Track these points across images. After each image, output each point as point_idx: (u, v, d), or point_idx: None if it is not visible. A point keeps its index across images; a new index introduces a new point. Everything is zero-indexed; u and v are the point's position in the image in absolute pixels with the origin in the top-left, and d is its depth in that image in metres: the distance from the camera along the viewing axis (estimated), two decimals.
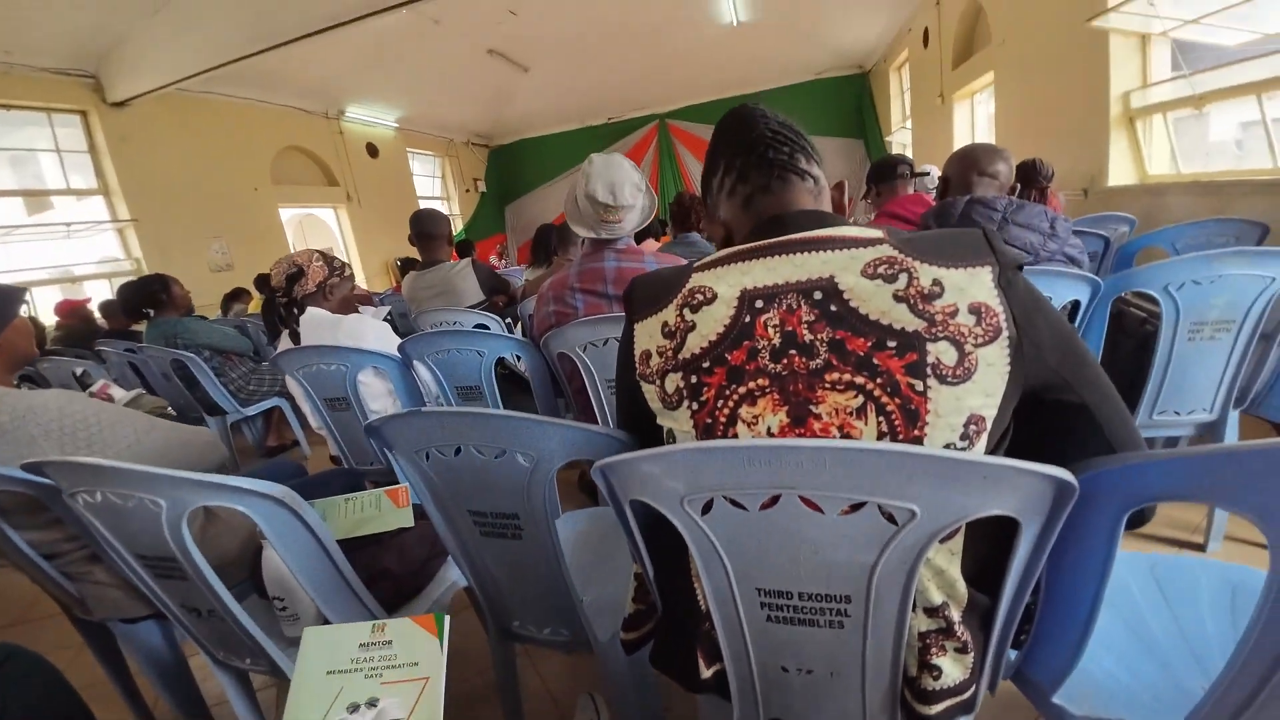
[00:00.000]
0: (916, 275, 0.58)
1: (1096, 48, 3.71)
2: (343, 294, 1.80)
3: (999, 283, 0.57)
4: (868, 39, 8.93)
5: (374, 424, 0.87)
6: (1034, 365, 0.58)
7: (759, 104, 0.77)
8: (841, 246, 0.62)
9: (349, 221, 8.39)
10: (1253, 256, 1.26)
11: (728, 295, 0.64)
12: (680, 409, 0.65)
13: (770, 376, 0.60)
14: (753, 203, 0.72)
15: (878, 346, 0.57)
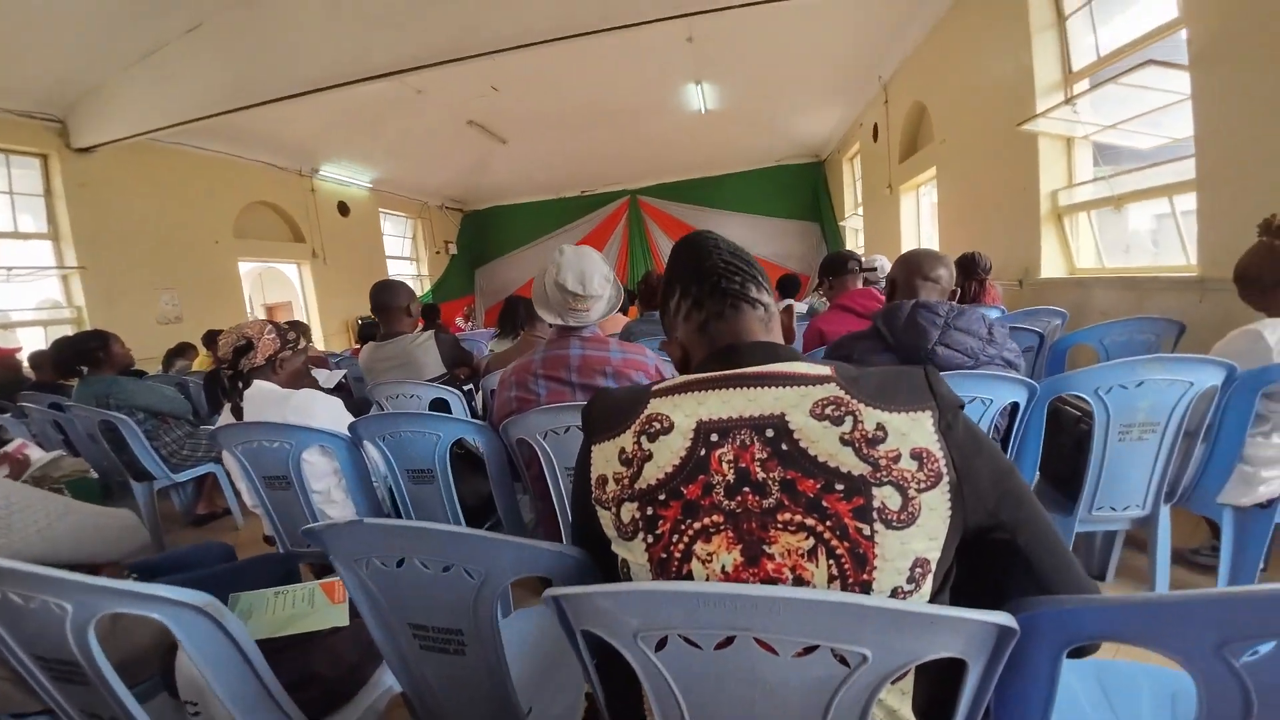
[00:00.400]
0: (861, 419, 0.60)
1: (1027, 149, 4.09)
2: (294, 367, 1.74)
3: (939, 427, 0.60)
4: (823, 131, 9.68)
5: (313, 530, 0.82)
6: (974, 509, 0.61)
7: (710, 234, 0.82)
8: (792, 383, 0.64)
9: (312, 278, 8.28)
10: (1171, 363, 1.36)
11: (684, 425, 0.65)
12: (635, 540, 0.65)
13: (725, 513, 0.61)
14: (708, 328, 0.76)
15: (826, 489, 0.59)
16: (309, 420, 1.61)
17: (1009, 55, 4.19)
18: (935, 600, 0.61)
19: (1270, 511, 1.50)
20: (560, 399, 1.45)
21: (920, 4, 5.19)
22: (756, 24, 5.61)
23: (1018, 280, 4.32)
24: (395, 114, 7.20)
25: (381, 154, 8.55)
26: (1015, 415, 1.41)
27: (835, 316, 2.23)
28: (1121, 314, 3.23)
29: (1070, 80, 3.84)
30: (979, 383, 1.32)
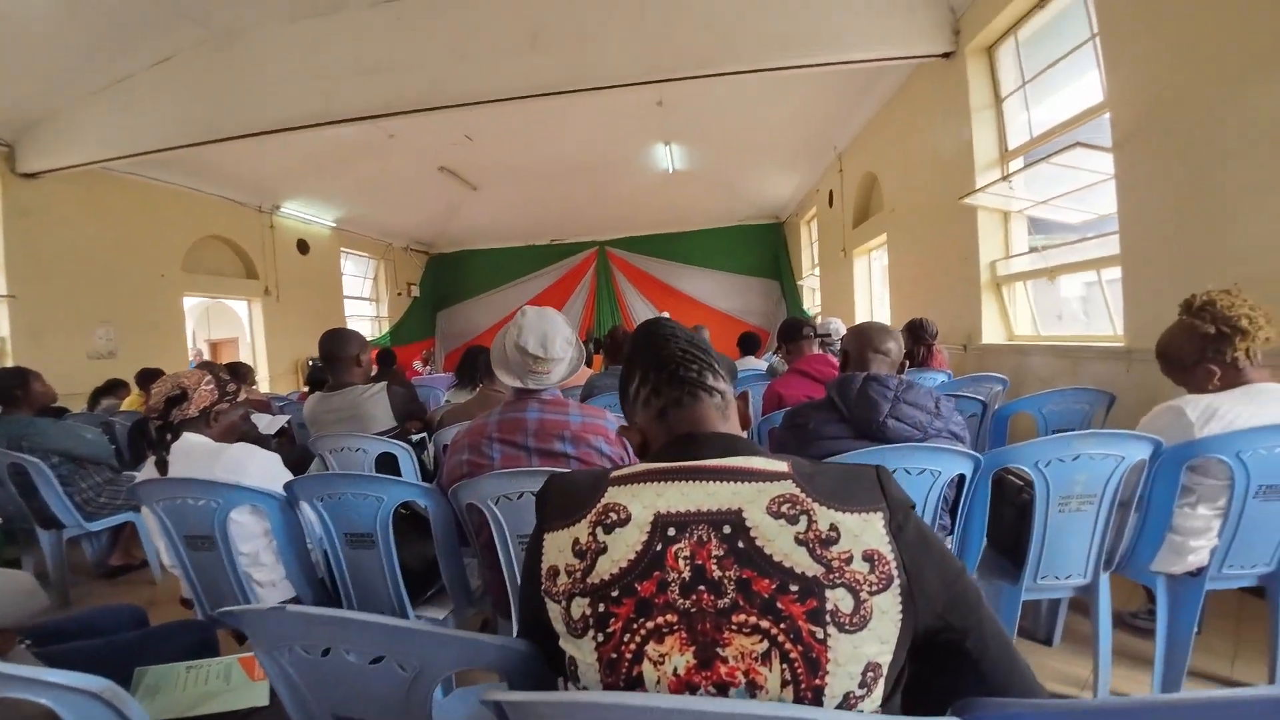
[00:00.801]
0: (816, 519, 0.61)
1: (967, 221, 4.38)
2: (230, 420, 1.65)
3: (890, 529, 0.61)
4: (783, 195, 10.19)
5: (228, 614, 0.75)
6: (924, 611, 0.61)
7: (669, 322, 0.85)
8: (750, 479, 0.65)
9: (262, 315, 8.00)
10: (1103, 438, 1.43)
11: (641, 518, 0.64)
12: (585, 638, 0.63)
13: (679, 613, 0.60)
14: (666, 416, 0.77)
15: (781, 590, 0.59)
16: (241, 478, 1.51)
17: (951, 132, 4.54)
18: (887, 704, 0.60)
19: (1200, 579, 1.56)
20: (515, 464, 1.40)
21: (873, 82, 5.60)
22: (723, 93, 5.95)
23: (962, 345, 4.53)
24: (365, 156, 7.21)
25: (347, 194, 8.50)
26: (962, 486, 1.44)
27: (793, 380, 2.30)
28: (1057, 380, 3.42)
29: (1006, 158, 4.17)
30: (928, 455, 1.36)
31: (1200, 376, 1.57)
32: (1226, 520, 1.50)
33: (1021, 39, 3.96)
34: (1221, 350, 1.53)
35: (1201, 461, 1.49)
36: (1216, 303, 1.54)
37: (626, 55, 4.52)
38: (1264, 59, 2.18)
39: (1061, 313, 4.84)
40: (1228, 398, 1.50)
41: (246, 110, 5.01)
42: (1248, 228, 2.28)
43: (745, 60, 4.43)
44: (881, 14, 4.29)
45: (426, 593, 1.73)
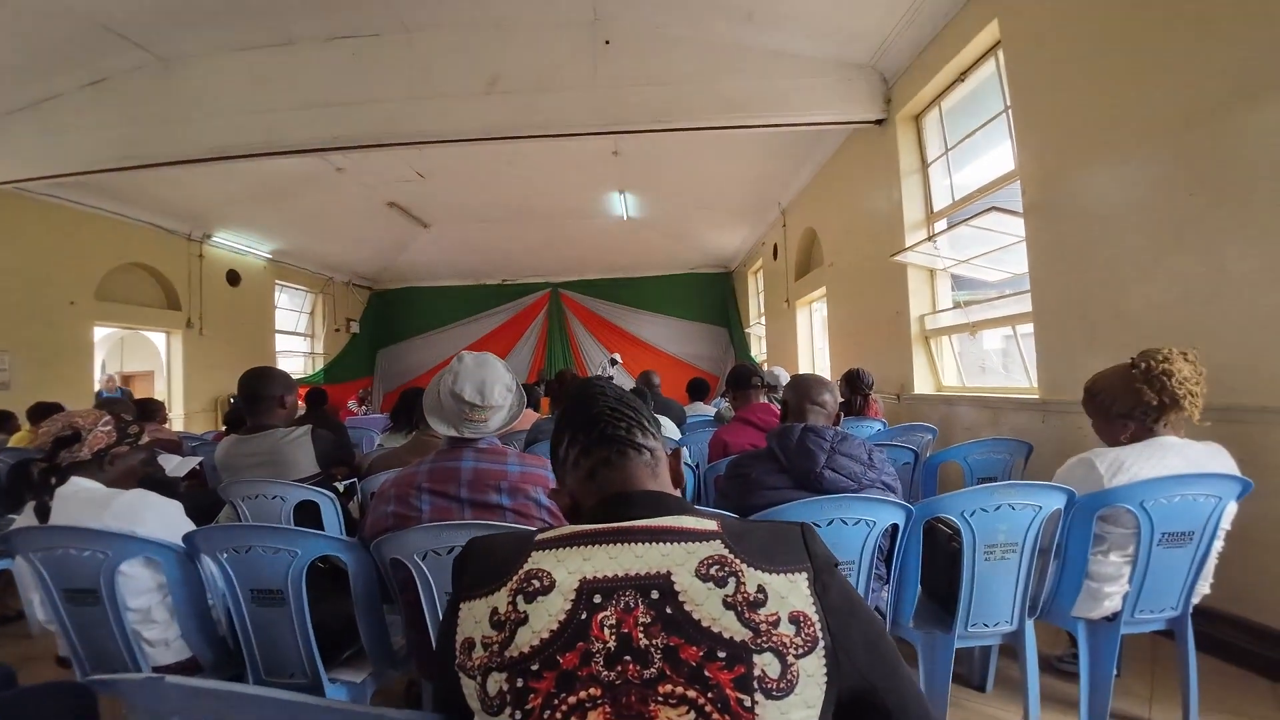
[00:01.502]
0: (744, 580, 0.61)
1: (898, 277, 4.66)
2: (129, 465, 1.51)
3: (814, 589, 0.62)
4: (731, 246, 10.59)
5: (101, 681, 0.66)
6: (848, 673, 0.61)
7: (599, 382, 0.87)
8: (680, 539, 0.64)
9: (181, 349, 7.49)
10: (1023, 489, 1.51)
11: (566, 585, 0.62)
12: (501, 716, 0.59)
13: (603, 685, 0.58)
14: (596, 476, 0.76)
15: (709, 657, 0.58)
16: (135, 526, 1.37)
17: (883, 194, 4.87)
18: None
19: (1116, 624, 1.64)
20: (446, 516, 1.32)
21: (814, 143, 5.98)
22: (677, 147, 6.21)
23: (896, 394, 4.74)
24: (310, 188, 7.03)
25: (288, 226, 8.21)
26: (896, 535, 1.47)
27: (738, 428, 2.34)
28: (981, 429, 3.61)
29: (932, 218, 4.50)
30: (863, 506, 1.39)
31: (1116, 429, 1.68)
32: (1135, 567, 1.58)
33: (945, 109, 4.35)
34: (1149, 416, 1.63)
35: (1111, 511, 1.58)
36: (1173, 375, 1.58)
37: (583, 106, 4.67)
38: (1142, 139, 2.46)
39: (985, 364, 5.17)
40: (1132, 451, 1.61)
41: (182, 137, 4.83)
42: (1138, 291, 2.52)
43: (696, 118, 4.67)
44: (821, 81, 4.65)
45: (344, 653, 1.59)
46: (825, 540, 1.37)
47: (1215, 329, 2.19)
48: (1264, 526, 1.90)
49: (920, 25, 3.99)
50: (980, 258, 3.97)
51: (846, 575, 1.42)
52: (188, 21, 4.43)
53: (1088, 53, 2.72)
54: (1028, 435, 2.80)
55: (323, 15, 4.51)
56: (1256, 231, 2.05)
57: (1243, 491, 1.58)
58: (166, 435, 3.84)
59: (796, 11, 4.26)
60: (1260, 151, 2.02)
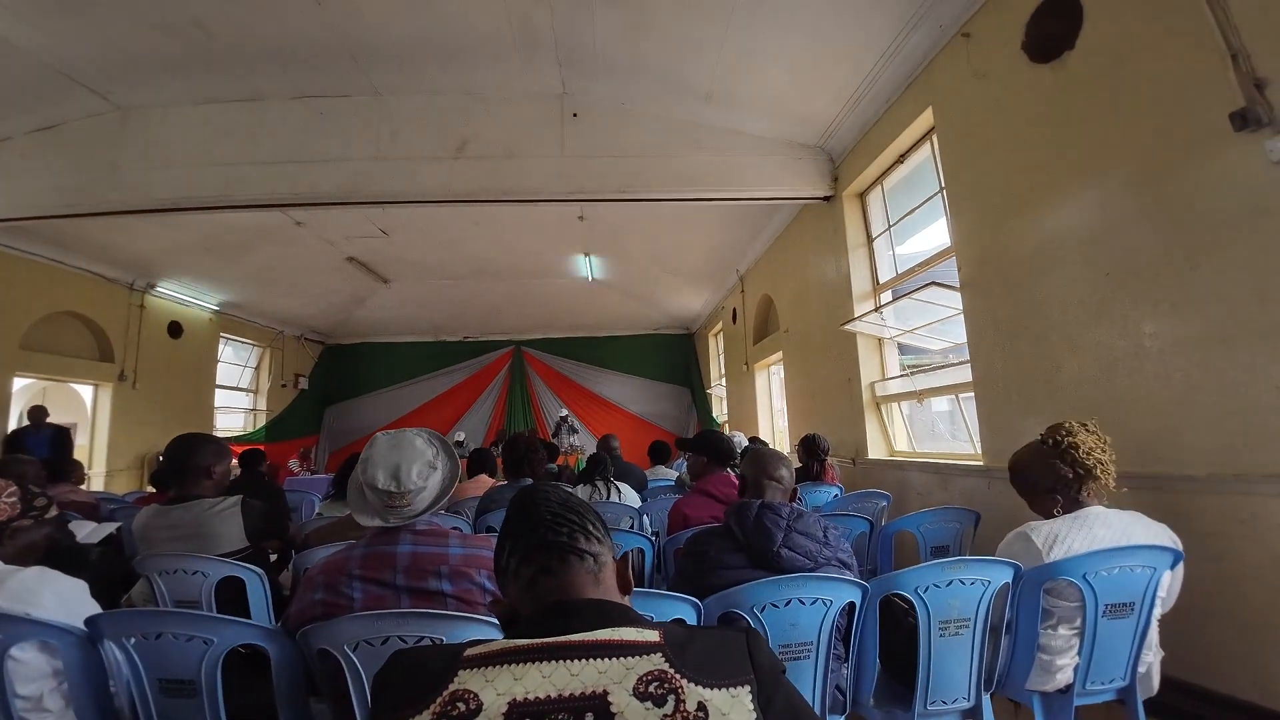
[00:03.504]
0: (684, 698, 0.58)
1: (849, 345, 4.83)
2: (31, 540, 1.37)
3: (758, 703, 0.60)
4: (693, 309, 10.87)
5: None
6: None
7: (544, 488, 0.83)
8: (619, 654, 0.62)
9: (110, 402, 7.01)
10: (972, 564, 1.53)
11: (494, 709, 0.58)
12: None
13: None
14: (536, 584, 0.74)
15: None
16: (30, 608, 1.22)
17: (832, 265, 5.12)
18: None
19: (1069, 696, 1.64)
20: (380, 606, 1.22)
21: (768, 216, 6.31)
22: (641, 215, 6.46)
23: (851, 459, 4.82)
24: (267, 241, 6.90)
25: (240, 278, 7.97)
26: (853, 613, 1.46)
27: (697, 500, 2.31)
28: (932, 493, 3.68)
29: (878, 289, 4.73)
30: (820, 585, 1.39)
31: (1046, 504, 1.74)
32: (1083, 639, 1.60)
33: (887, 188, 4.68)
34: (1070, 488, 1.70)
35: (1055, 584, 1.61)
36: (1079, 447, 1.69)
37: (550, 173, 4.83)
38: (1062, 220, 2.68)
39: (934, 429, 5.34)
40: (1064, 523, 1.66)
41: (134, 185, 4.72)
42: (1068, 363, 2.68)
43: (657, 189, 4.89)
44: (773, 159, 4.98)
45: None
46: (783, 621, 1.36)
47: (1138, 400, 2.33)
48: (1199, 593, 1.96)
49: (863, 110, 4.35)
50: (923, 328, 4.18)
51: (806, 657, 1.39)
52: (150, 72, 4.42)
53: (1011, 140, 2.99)
54: (975, 501, 2.87)
55: (291, 73, 4.57)
56: (1166, 308, 2.21)
57: (1175, 561, 1.64)
58: (81, 498, 3.53)
59: (751, 95, 4.58)
60: (1163, 234, 2.21)
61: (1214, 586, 2.02)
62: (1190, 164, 2.11)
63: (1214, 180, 2.04)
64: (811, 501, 3.29)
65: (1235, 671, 2.00)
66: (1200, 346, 2.10)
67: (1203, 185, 2.08)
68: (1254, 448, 1.94)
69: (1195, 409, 2.13)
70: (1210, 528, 2.05)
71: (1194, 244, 2.12)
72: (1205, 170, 2.06)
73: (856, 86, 4.17)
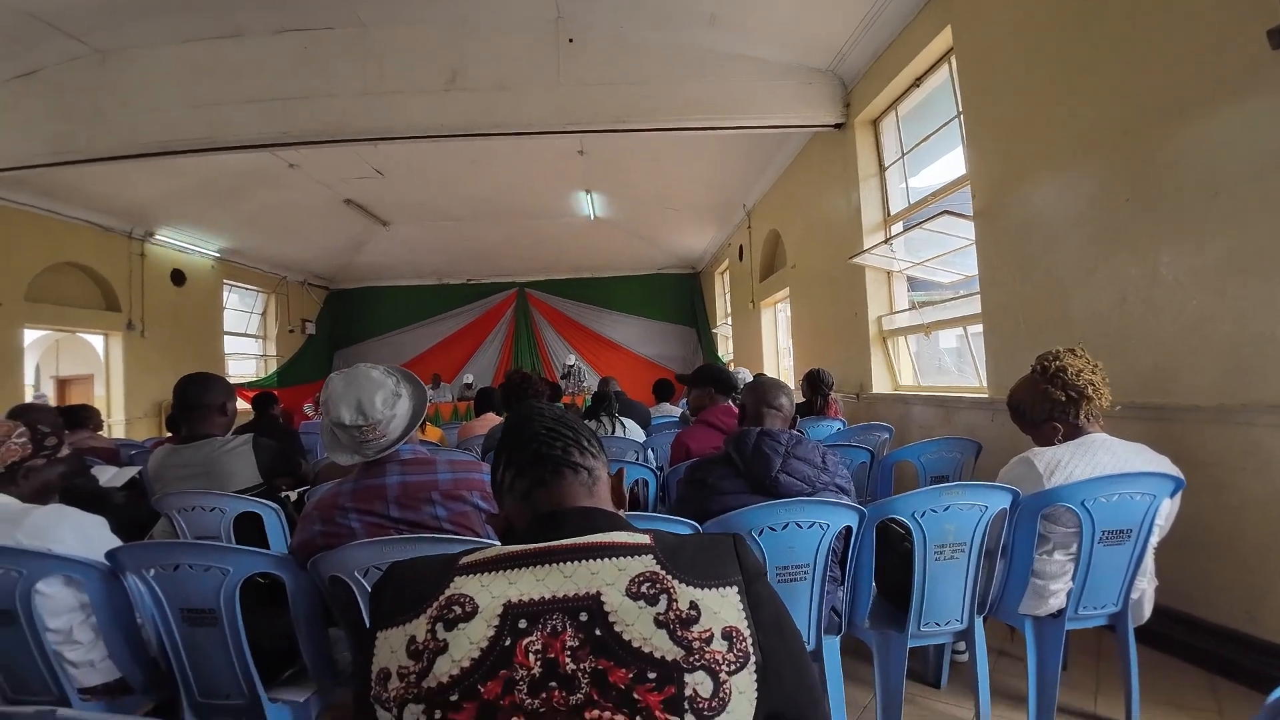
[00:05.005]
0: (676, 597, 0.60)
1: (857, 279, 4.75)
2: (45, 479, 1.41)
3: (746, 601, 0.62)
4: (699, 247, 10.65)
5: None
6: (774, 692, 0.61)
7: (537, 405, 0.83)
8: (610, 555, 0.63)
9: (121, 351, 7.10)
10: (968, 489, 1.54)
11: (489, 609, 0.59)
12: None
13: (526, 714, 0.55)
14: (530, 497, 0.75)
15: (638, 679, 0.56)
16: (50, 544, 1.28)
17: (842, 197, 4.96)
18: None
19: (1061, 621, 1.69)
20: (382, 534, 1.25)
21: (777, 147, 6.06)
22: (642, 148, 6.20)
23: (855, 394, 4.83)
24: (260, 185, 6.75)
25: (237, 224, 7.87)
26: (850, 537, 1.49)
27: (700, 432, 2.33)
28: (935, 427, 3.70)
29: (889, 221, 4.60)
30: (817, 509, 1.40)
31: (1047, 433, 1.74)
32: (1078, 564, 1.64)
33: (901, 114, 4.46)
34: (1067, 413, 1.70)
35: (1053, 510, 1.63)
36: (1067, 370, 1.70)
37: (545, 104, 4.61)
38: (1082, 147, 2.56)
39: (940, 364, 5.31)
40: (1066, 450, 1.67)
41: (119, 131, 4.59)
42: (1079, 294, 2.62)
43: (658, 118, 4.67)
44: (782, 85, 4.71)
45: (286, 671, 1.51)
46: (781, 545, 1.39)
47: (1149, 330, 2.29)
48: (1196, 524, 1.99)
49: (877, 31, 4.08)
50: (934, 260, 4.08)
51: (802, 579, 1.44)
52: (126, 12, 4.21)
53: (1034, 63, 2.81)
54: (978, 433, 2.88)
55: (273, 7, 4.33)
56: (1186, 237, 2.15)
57: (1175, 489, 1.65)
58: (101, 444, 3.63)
59: (758, 17, 4.30)
60: (1190, 162, 2.12)
61: (1213, 517, 2.05)
62: (1222, 90, 1.99)
63: (1244, 106, 1.93)
64: (813, 436, 3.32)
65: (1228, 601, 2.05)
66: (1216, 276, 2.05)
67: (1232, 113, 1.97)
68: (1264, 380, 1.92)
69: (1207, 340, 2.09)
70: (1213, 458, 2.05)
71: (1217, 171, 2.02)
72: (1236, 96, 1.94)
73: (871, 5, 3.89)
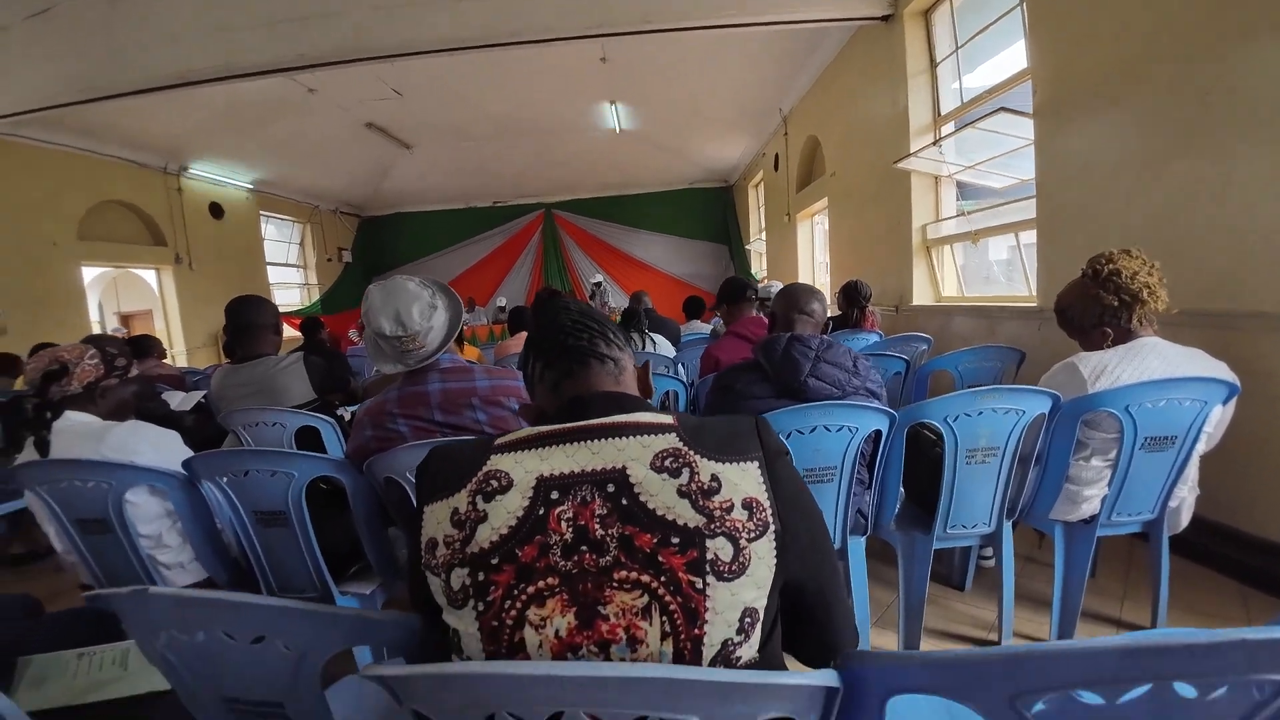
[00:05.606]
0: (698, 470, 0.63)
1: (901, 185, 4.48)
2: (120, 398, 1.52)
3: (766, 475, 0.64)
4: (731, 158, 10.13)
5: (95, 597, 0.70)
6: (792, 559, 0.64)
7: (563, 298, 0.89)
8: (635, 433, 0.66)
9: (174, 285, 7.41)
10: (1006, 393, 1.51)
11: (523, 482, 0.64)
12: (465, 609, 0.62)
13: (560, 575, 0.60)
14: (559, 387, 0.78)
15: (662, 544, 0.60)
16: (130, 457, 1.40)
17: (888, 97, 4.59)
18: (765, 648, 0.63)
19: (1092, 527, 1.68)
20: (429, 437, 1.34)
21: (816, 44, 5.58)
22: (669, 51, 5.78)
23: (894, 306, 4.69)
24: (282, 113, 6.67)
25: (265, 154, 7.87)
26: (879, 441, 1.50)
27: (730, 343, 2.31)
28: (976, 339, 3.59)
29: (939, 123, 4.26)
30: (847, 412, 1.40)
31: (1096, 338, 1.66)
32: (1116, 470, 1.60)
33: (956, 4, 4.01)
34: (1119, 317, 1.61)
35: (1094, 415, 1.58)
36: (1121, 273, 1.59)
37: (564, 7, 4.31)
38: (1160, 39, 2.27)
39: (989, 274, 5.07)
40: (1115, 354, 1.59)
41: (138, 65, 4.53)
42: (1142, 196, 2.42)
43: (687, 17, 4.31)
44: None
45: (352, 568, 1.67)
46: (808, 447, 1.41)
47: (1215, 236, 2.13)
48: (1249, 433, 1.90)
49: None
50: (987, 163, 3.79)
51: (829, 480, 1.47)
52: None
53: None
54: (1022, 344, 2.78)
55: None
56: (1267, 137, 1.94)
57: (1229, 395, 1.57)
58: (167, 371, 3.87)
59: None
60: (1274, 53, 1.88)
61: (1267, 429, 1.96)
62: None
63: None
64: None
65: (1271, 514, 1.99)
66: None
67: None
68: None
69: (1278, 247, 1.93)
70: (1273, 367, 1.95)
71: None
72: None
73: None
